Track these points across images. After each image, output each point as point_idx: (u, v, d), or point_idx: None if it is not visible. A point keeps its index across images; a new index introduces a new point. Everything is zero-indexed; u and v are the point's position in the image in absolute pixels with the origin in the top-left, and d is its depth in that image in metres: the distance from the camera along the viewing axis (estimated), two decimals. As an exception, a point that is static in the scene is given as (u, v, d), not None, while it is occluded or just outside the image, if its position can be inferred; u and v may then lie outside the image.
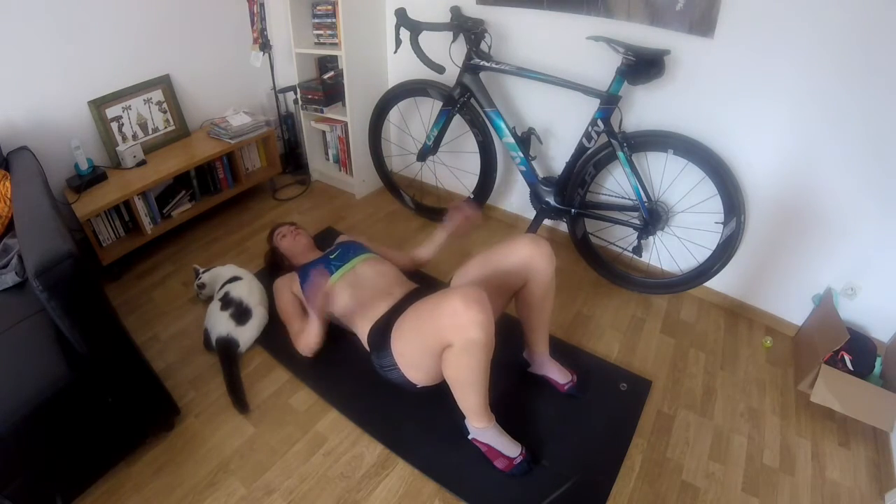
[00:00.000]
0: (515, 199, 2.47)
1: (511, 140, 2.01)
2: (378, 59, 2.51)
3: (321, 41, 2.43)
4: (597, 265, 2.13)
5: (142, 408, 1.41)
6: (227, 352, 1.69)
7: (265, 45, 2.61)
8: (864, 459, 1.50)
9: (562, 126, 2.09)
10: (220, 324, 1.72)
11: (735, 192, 1.72)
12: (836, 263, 1.72)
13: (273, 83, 2.73)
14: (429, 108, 2.38)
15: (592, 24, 1.80)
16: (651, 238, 2.03)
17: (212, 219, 2.53)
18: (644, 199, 1.86)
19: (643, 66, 1.65)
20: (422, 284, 1.70)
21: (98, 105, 2.16)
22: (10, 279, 1.48)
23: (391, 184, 2.66)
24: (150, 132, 2.38)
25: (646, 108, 1.85)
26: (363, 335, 1.58)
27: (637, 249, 2.02)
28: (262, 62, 2.63)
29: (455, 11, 1.99)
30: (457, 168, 2.52)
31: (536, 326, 1.56)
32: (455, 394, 1.34)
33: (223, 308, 1.75)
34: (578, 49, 1.85)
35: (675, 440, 1.53)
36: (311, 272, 1.68)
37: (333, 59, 2.56)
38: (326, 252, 1.86)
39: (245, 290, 1.81)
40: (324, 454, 1.46)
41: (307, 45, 2.45)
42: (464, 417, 1.41)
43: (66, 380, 1.20)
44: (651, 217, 1.89)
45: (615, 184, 2.04)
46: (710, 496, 1.38)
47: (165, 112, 2.42)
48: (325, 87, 2.51)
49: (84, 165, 2.10)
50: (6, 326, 1.34)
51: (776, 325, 1.95)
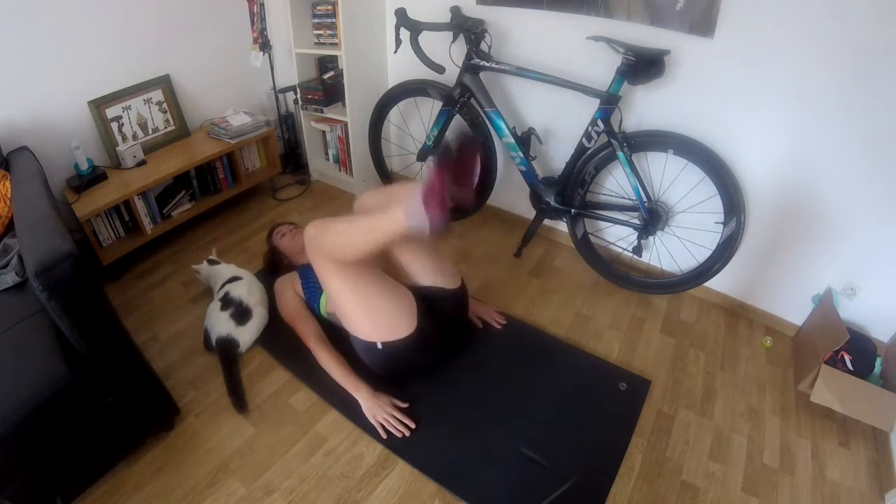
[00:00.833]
0: (515, 199, 2.47)
1: (511, 140, 2.01)
2: (378, 59, 2.51)
3: (321, 41, 2.43)
4: (597, 265, 2.13)
5: (142, 408, 1.41)
6: (227, 352, 1.69)
7: (265, 45, 2.61)
8: (864, 459, 1.50)
9: (562, 126, 2.09)
10: (220, 324, 1.72)
11: (735, 192, 1.72)
12: (836, 263, 1.72)
13: (273, 83, 2.73)
14: (429, 108, 2.38)
15: (592, 24, 1.80)
16: (651, 238, 2.03)
17: (212, 219, 2.53)
18: (644, 199, 1.86)
19: (643, 66, 1.65)
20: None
21: (98, 105, 2.16)
22: (10, 279, 1.48)
23: (391, 184, 2.66)
24: (150, 132, 2.38)
25: (646, 108, 1.85)
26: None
27: (637, 249, 2.02)
28: (262, 62, 2.63)
29: (455, 11, 1.99)
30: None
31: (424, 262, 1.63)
32: (360, 242, 1.39)
33: (223, 308, 1.75)
34: (578, 49, 1.85)
35: (675, 440, 1.53)
36: (312, 271, 1.69)
37: (333, 59, 2.56)
38: None
39: (245, 290, 1.81)
40: (324, 454, 1.46)
41: (307, 45, 2.45)
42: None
43: (66, 380, 1.19)
44: (651, 217, 1.89)
45: (615, 184, 2.04)
46: (710, 496, 1.38)
47: (165, 112, 2.42)
48: (325, 87, 2.51)
49: (84, 165, 2.10)
50: (6, 326, 1.34)
51: (776, 325, 1.95)
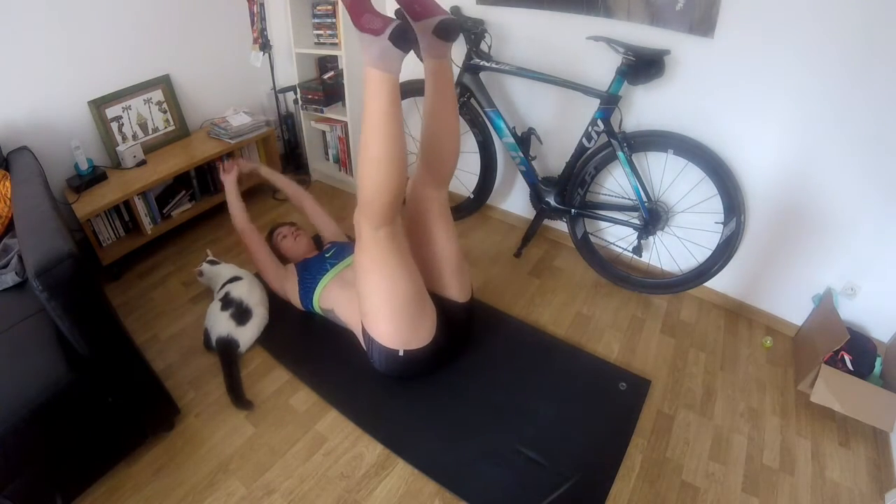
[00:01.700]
0: (515, 199, 2.47)
1: (511, 140, 2.01)
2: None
3: (321, 41, 2.43)
4: (597, 265, 2.13)
5: (142, 408, 1.41)
6: (228, 352, 1.69)
7: (265, 45, 2.61)
8: (864, 459, 1.50)
9: (562, 126, 2.09)
10: (221, 324, 1.72)
11: (735, 192, 1.72)
12: (836, 263, 1.72)
13: (273, 83, 2.73)
14: (429, 108, 2.38)
15: (592, 24, 1.80)
16: (651, 238, 2.03)
17: (212, 219, 2.53)
18: (644, 199, 1.86)
19: (643, 66, 1.65)
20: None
21: (98, 105, 2.16)
22: (10, 279, 1.48)
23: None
24: (150, 132, 2.38)
25: (646, 108, 1.85)
26: (358, 332, 1.61)
27: (637, 249, 2.02)
28: (262, 62, 2.63)
29: (455, 11, 1.99)
30: (457, 168, 2.50)
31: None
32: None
33: (223, 308, 1.75)
34: (578, 49, 1.85)
35: (675, 440, 1.53)
36: (310, 266, 1.82)
37: (333, 59, 2.56)
38: (322, 251, 1.91)
39: (245, 290, 1.81)
40: (324, 454, 1.46)
41: (307, 45, 2.45)
42: None
43: (67, 380, 1.19)
44: (651, 217, 1.89)
45: (615, 184, 2.04)
46: (710, 496, 1.38)
47: (165, 112, 2.42)
48: (325, 87, 2.51)
49: (84, 165, 2.10)
50: (6, 326, 1.34)
51: (776, 325, 1.95)
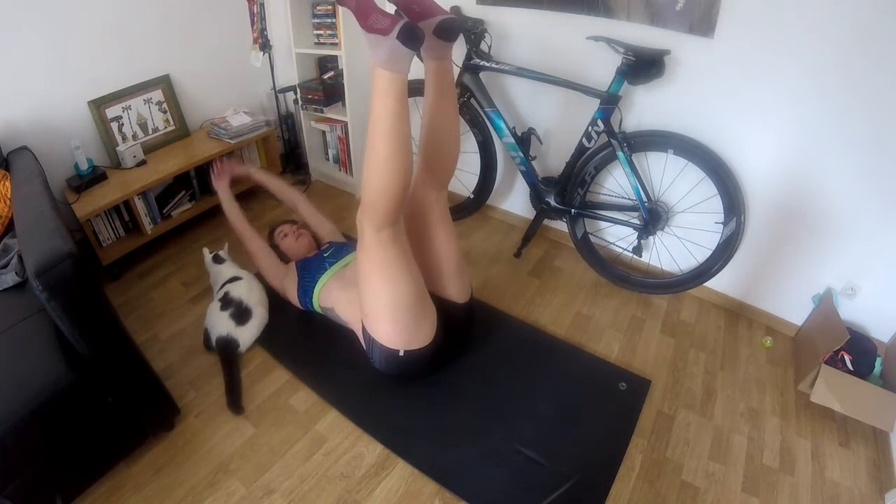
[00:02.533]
0: (515, 199, 2.47)
1: (511, 140, 2.01)
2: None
3: (321, 41, 2.43)
4: (597, 265, 2.13)
5: (142, 408, 1.41)
6: (227, 352, 1.69)
7: (265, 45, 2.61)
8: (864, 459, 1.50)
9: (562, 126, 2.09)
10: (220, 324, 1.72)
11: (735, 192, 1.72)
12: (836, 263, 1.72)
13: (273, 83, 2.73)
14: (429, 108, 2.38)
15: (592, 24, 1.80)
16: (651, 238, 2.03)
17: (212, 219, 2.52)
18: (644, 199, 1.86)
19: (643, 66, 1.65)
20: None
21: (98, 105, 2.16)
22: (10, 279, 1.48)
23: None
24: (150, 132, 2.38)
25: (646, 108, 1.85)
26: (359, 331, 1.61)
27: (637, 249, 2.02)
28: (262, 62, 2.63)
29: (455, 11, 1.99)
30: (457, 168, 2.50)
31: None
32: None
33: (223, 308, 1.75)
34: (578, 49, 1.85)
35: (675, 440, 1.53)
36: (309, 265, 1.83)
37: (333, 59, 2.56)
38: (321, 250, 1.92)
39: (245, 290, 1.81)
40: (324, 454, 1.46)
41: (307, 45, 2.45)
42: None
43: (66, 380, 1.19)
44: (651, 217, 1.89)
45: (615, 184, 2.04)
46: (710, 496, 1.38)
47: (165, 112, 2.42)
48: (325, 87, 2.51)
49: (84, 165, 2.10)
50: (6, 326, 1.34)
51: (776, 325, 1.95)
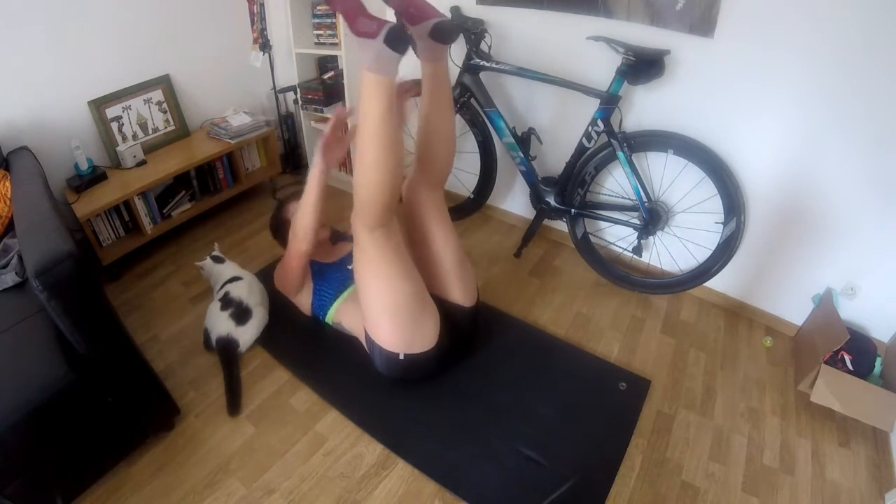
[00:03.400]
0: (515, 199, 2.47)
1: (511, 140, 2.01)
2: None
3: (321, 41, 2.43)
4: (597, 265, 2.13)
5: (142, 408, 1.41)
6: (227, 352, 1.69)
7: (265, 45, 2.61)
8: (864, 459, 1.50)
9: (562, 126, 2.09)
10: (220, 324, 1.72)
11: (735, 192, 1.72)
12: (836, 263, 1.72)
13: (273, 83, 2.73)
14: (429, 108, 2.38)
15: (592, 24, 1.80)
16: (651, 238, 2.03)
17: (212, 219, 2.53)
18: (644, 199, 1.86)
19: (643, 66, 1.65)
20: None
21: (98, 105, 2.16)
22: (10, 279, 1.48)
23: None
24: (150, 132, 2.38)
25: (646, 108, 1.85)
26: (363, 338, 1.61)
27: (637, 249, 2.02)
28: (262, 62, 2.63)
29: (455, 11, 1.99)
30: (457, 168, 2.48)
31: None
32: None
33: (223, 308, 1.75)
34: (578, 49, 1.85)
35: (675, 440, 1.53)
36: (329, 276, 1.76)
37: (333, 59, 2.56)
38: (343, 259, 1.79)
39: (245, 291, 1.81)
40: (324, 454, 1.46)
41: (307, 45, 2.45)
42: None
43: (66, 380, 1.19)
44: (651, 217, 1.89)
45: (615, 184, 2.04)
46: (710, 496, 1.38)
47: (165, 112, 2.42)
48: (325, 87, 2.51)
49: (84, 165, 2.10)
50: (6, 326, 1.34)
51: (776, 325, 1.95)
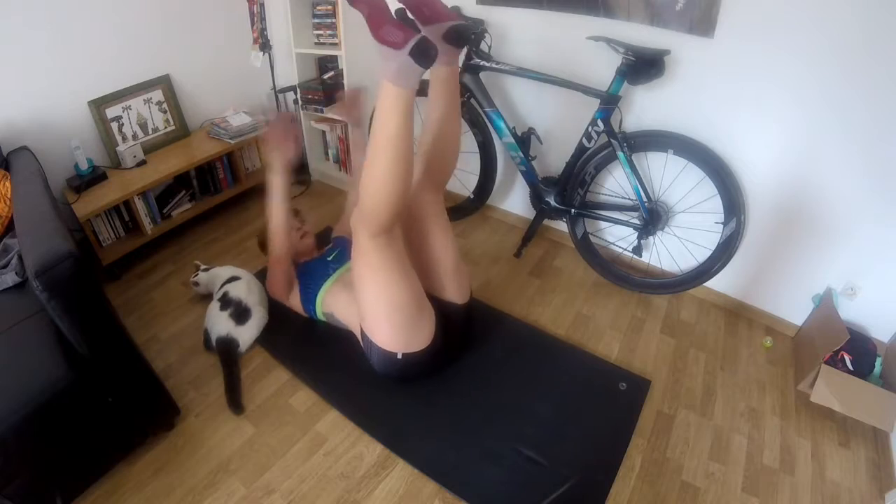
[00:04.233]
0: (515, 199, 2.47)
1: (511, 140, 2.01)
2: (378, 59, 2.51)
3: (321, 41, 2.43)
4: (597, 265, 2.13)
5: (142, 408, 1.41)
6: (227, 352, 1.69)
7: (265, 45, 2.61)
8: (864, 459, 1.50)
9: (562, 126, 2.09)
10: (220, 324, 1.72)
11: (735, 192, 1.72)
12: (836, 263, 1.72)
13: (273, 83, 2.73)
14: (429, 108, 2.38)
15: (592, 24, 1.80)
16: (651, 238, 2.03)
17: (212, 219, 2.53)
18: (644, 199, 1.86)
19: (643, 66, 1.65)
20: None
21: (98, 105, 2.16)
22: (10, 279, 1.48)
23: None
24: (150, 132, 2.38)
25: (646, 108, 1.85)
26: (357, 334, 1.61)
27: (637, 249, 2.02)
28: (262, 62, 2.63)
29: (455, 11, 1.99)
30: (457, 168, 2.50)
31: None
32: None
33: (223, 308, 1.75)
34: (578, 49, 1.85)
35: (675, 440, 1.53)
36: (311, 270, 1.78)
37: (333, 59, 2.56)
38: (324, 252, 1.88)
39: (244, 290, 1.81)
40: (324, 454, 1.46)
41: (307, 45, 2.45)
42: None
43: (66, 380, 1.20)
44: (651, 217, 1.89)
45: (615, 184, 2.04)
46: (710, 496, 1.38)
47: (165, 112, 2.42)
48: (325, 87, 2.51)
49: (84, 165, 2.10)
50: (6, 326, 1.34)
51: (776, 325, 1.95)
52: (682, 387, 1.69)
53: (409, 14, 1.30)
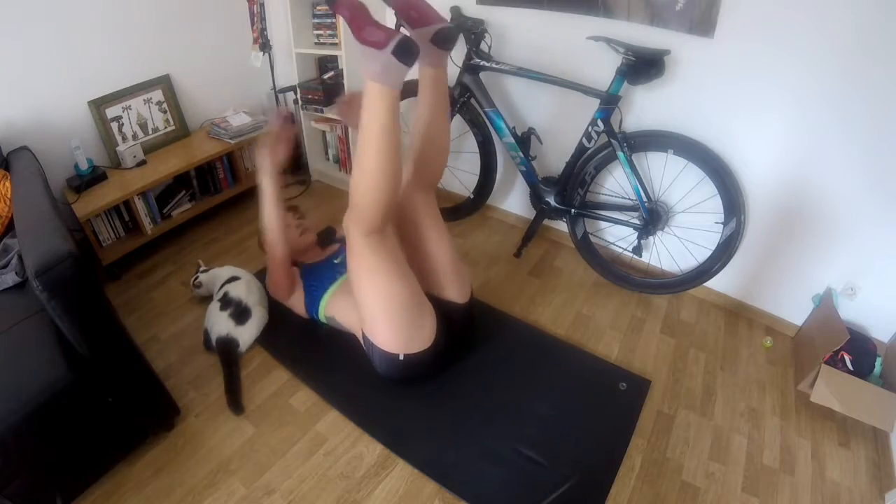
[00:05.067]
0: (515, 199, 2.47)
1: (511, 140, 2.01)
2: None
3: (321, 41, 2.43)
4: (597, 265, 2.13)
5: (142, 408, 1.41)
6: (227, 352, 1.69)
7: (265, 45, 2.61)
8: (864, 459, 1.50)
9: (562, 126, 2.09)
10: (220, 324, 1.72)
11: (735, 192, 1.72)
12: (836, 263, 1.72)
13: (273, 83, 2.73)
14: (429, 108, 2.38)
15: (592, 24, 1.80)
16: (651, 238, 2.03)
17: (212, 219, 2.53)
18: (644, 199, 1.86)
19: (643, 66, 1.65)
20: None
21: (98, 105, 2.16)
22: (10, 279, 1.48)
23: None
24: (150, 132, 2.38)
25: (646, 108, 1.85)
26: (359, 336, 1.61)
27: (637, 249, 2.02)
28: (262, 62, 2.63)
29: (455, 11, 1.99)
30: (457, 168, 2.51)
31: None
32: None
33: (222, 308, 1.75)
34: (578, 49, 1.85)
35: (675, 440, 1.53)
36: (318, 272, 1.78)
37: (333, 59, 2.56)
38: (331, 255, 1.86)
39: (244, 290, 1.81)
40: (324, 454, 1.46)
41: (307, 45, 2.45)
42: None
43: (66, 380, 1.20)
44: (651, 217, 1.89)
45: (615, 184, 2.04)
46: (710, 496, 1.38)
47: (165, 112, 2.42)
48: (325, 87, 2.51)
49: (84, 165, 2.10)
50: (6, 326, 1.34)
51: (776, 325, 1.95)
52: (682, 387, 1.70)
53: (397, 17, 1.31)
